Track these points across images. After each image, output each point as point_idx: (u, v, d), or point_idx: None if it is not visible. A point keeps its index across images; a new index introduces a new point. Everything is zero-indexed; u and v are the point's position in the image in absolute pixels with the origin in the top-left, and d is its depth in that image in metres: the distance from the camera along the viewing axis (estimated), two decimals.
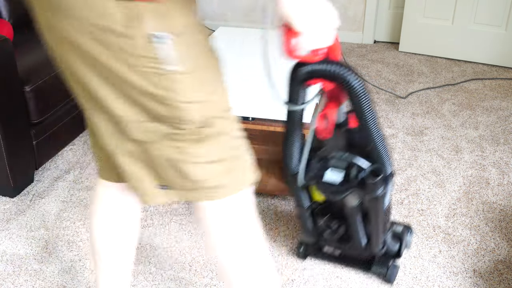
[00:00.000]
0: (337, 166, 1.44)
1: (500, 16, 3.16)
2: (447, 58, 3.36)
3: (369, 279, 1.67)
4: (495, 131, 2.52)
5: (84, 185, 2.15)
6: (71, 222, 1.93)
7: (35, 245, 1.83)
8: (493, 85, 3.00)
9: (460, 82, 3.03)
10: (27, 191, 2.11)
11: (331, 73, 1.20)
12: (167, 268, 1.71)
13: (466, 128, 2.55)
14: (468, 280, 1.67)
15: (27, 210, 2.00)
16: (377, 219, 1.46)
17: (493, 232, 1.87)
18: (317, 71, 1.21)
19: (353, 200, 1.43)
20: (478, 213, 1.97)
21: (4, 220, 1.95)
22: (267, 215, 1.96)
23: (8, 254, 1.78)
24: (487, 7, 3.17)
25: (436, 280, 1.66)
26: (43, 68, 2.10)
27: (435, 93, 2.90)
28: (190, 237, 1.85)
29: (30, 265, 1.74)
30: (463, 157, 2.32)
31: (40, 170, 2.25)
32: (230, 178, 1.04)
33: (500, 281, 1.67)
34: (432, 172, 2.21)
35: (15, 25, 2.61)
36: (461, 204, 2.02)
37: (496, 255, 1.77)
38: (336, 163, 1.44)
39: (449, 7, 3.25)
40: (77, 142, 2.48)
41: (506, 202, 2.02)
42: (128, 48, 0.87)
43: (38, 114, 2.06)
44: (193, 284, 1.65)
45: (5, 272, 1.71)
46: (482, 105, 2.77)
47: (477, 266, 1.72)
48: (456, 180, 2.16)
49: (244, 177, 1.07)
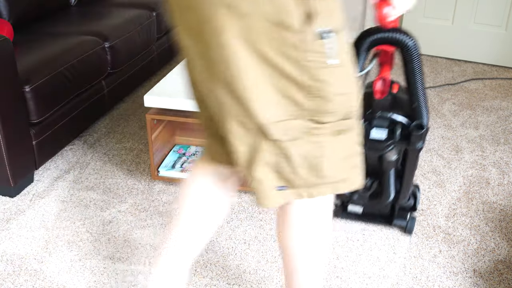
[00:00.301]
0: (381, 125, 1.64)
1: (500, 16, 3.16)
2: (447, 58, 3.36)
3: (368, 279, 1.67)
4: (495, 131, 2.52)
5: (84, 185, 2.15)
6: (71, 222, 1.93)
7: (35, 245, 1.83)
8: (493, 85, 3.00)
9: (460, 82, 3.03)
10: (27, 191, 2.11)
11: (397, 38, 1.48)
12: None
13: (466, 128, 2.54)
14: (468, 280, 1.67)
15: (27, 210, 2.00)
16: (412, 171, 1.70)
17: (493, 232, 1.87)
18: (386, 38, 1.49)
19: (392, 155, 1.65)
20: (478, 213, 1.97)
21: (4, 220, 1.95)
22: (267, 215, 1.96)
23: (8, 254, 1.78)
24: (487, 7, 3.17)
25: (436, 280, 1.66)
26: (43, 68, 2.10)
27: (435, 92, 2.90)
28: None
29: (30, 265, 1.74)
30: (463, 157, 2.32)
31: (40, 170, 2.25)
32: (351, 174, 1.08)
33: (500, 281, 1.67)
34: (432, 172, 2.21)
35: (15, 25, 2.61)
36: (461, 204, 2.02)
37: (496, 255, 1.77)
38: (379, 122, 1.64)
39: (449, 7, 3.25)
40: (77, 142, 2.48)
41: (506, 202, 2.02)
42: (297, 43, 0.91)
43: (38, 114, 2.06)
44: (193, 284, 1.65)
45: (5, 272, 1.71)
46: (482, 105, 2.77)
47: (477, 266, 1.72)
48: (456, 180, 2.16)
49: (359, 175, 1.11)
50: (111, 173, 2.23)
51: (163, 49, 3.19)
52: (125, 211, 1.99)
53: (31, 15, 2.71)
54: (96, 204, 2.03)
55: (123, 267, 1.72)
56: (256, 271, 1.70)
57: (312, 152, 1.01)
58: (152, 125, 2.03)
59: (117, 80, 2.66)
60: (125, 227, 1.90)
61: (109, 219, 1.94)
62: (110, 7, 2.99)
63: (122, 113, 2.75)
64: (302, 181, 1.04)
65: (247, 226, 1.90)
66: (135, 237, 1.85)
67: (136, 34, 2.77)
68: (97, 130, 2.58)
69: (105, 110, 2.59)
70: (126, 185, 2.14)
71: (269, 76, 0.94)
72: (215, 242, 1.82)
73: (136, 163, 2.30)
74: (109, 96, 2.60)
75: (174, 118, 1.97)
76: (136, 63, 2.85)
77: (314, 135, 1.00)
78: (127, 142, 2.47)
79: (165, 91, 2.00)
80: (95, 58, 2.41)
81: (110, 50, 2.54)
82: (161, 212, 1.98)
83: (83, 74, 2.32)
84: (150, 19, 2.94)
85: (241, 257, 1.76)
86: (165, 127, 2.17)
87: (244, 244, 1.81)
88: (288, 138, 0.99)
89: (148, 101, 1.98)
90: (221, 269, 1.70)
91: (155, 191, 2.11)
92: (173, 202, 2.04)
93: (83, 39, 2.42)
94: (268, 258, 1.75)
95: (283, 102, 0.96)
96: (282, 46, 0.91)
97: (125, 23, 2.73)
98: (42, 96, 2.05)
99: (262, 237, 1.85)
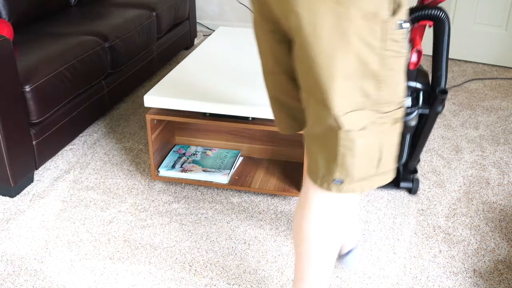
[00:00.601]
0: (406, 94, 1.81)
1: (500, 16, 3.16)
2: None
3: (368, 279, 1.67)
4: (495, 131, 2.52)
5: (84, 185, 2.15)
6: (71, 222, 1.93)
7: (35, 245, 1.83)
8: (493, 85, 3.00)
9: (460, 82, 3.03)
10: (27, 191, 2.11)
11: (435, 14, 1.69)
12: (167, 268, 1.71)
13: (466, 128, 2.54)
14: (468, 280, 1.67)
15: (27, 210, 2.00)
16: (428, 134, 1.90)
17: (493, 232, 1.87)
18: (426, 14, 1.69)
19: (413, 121, 1.85)
20: (478, 213, 1.97)
21: (4, 220, 1.95)
22: (267, 215, 1.96)
23: (8, 254, 1.78)
24: (487, 7, 3.16)
25: (436, 280, 1.66)
26: (43, 68, 2.10)
27: None
28: (190, 237, 1.85)
29: (30, 265, 1.74)
30: (463, 157, 2.32)
31: (40, 170, 2.25)
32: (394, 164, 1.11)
33: (500, 281, 1.67)
34: (432, 172, 2.21)
35: (15, 25, 2.61)
36: (461, 204, 2.02)
37: (496, 255, 1.77)
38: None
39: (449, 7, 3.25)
40: (77, 142, 2.48)
41: (506, 202, 2.02)
42: (381, 32, 0.95)
43: (38, 114, 2.06)
44: (193, 284, 1.65)
45: (5, 272, 1.71)
46: (482, 105, 2.77)
47: (477, 266, 1.72)
48: (456, 180, 2.16)
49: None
50: (111, 173, 2.23)
51: (163, 49, 3.19)
52: (125, 211, 1.99)
53: (31, 15, 2.71)
54: (96, 204, 2.03)
55: (123, 267, 1.72)
56: (256, 271, 1.70)
57: (376, 142, 1.04)
58: (152, 125, 2.03)
59: (117, 80, 2.66)
60: (125, 227, 1.90)
61: (109, 219, 1.94)
62: (110, 7, 2.99)
63: (122, 113, 2.75)
64: (361, 174, 1.06)
65: (247, 226, 1.90)
66: (135, 237, 1.85)
67: (136, 34, 2.77)
68: (97, 130, 2.58)
69: (105, 110, 2.59)
70: (126, 185, 2.14)
71: (348, 66, 0.97)
72: (215, 242, 1.82)
73: (136, 163, 2.30)
74: (109, 96, 2.60)
75: (174, 118, 1.97)
76: (136, 63, 2.85)
77: (379, 124, 1.02)
78: (127, 142, 2.47)
79: (165, 91, 2.00)
80: (95, 58, 2.41)
81: (110, 50, 2.54)
82: (161, 212, 1.98)
83: (83, 74, 2.32)
84: (150, 19, 2.94)
85: (241, 257, 1.76)
86: (165, 127, 2.17)
87: (244, 244, 1.81)
88: (357, 128, 1.01)
89: (148, 101, 1.98)
90: (221, 269, 1.70)
91: (155, 191, 2.11)
92: (173, 202, 2.04)
93: (83, 39, 2.42)
94: (268, 258, 1.75)
95: (354, 92, 0.99)
96: (368, 35, 0.95)
97: (125, 23, 2.73)
98: (42, 96, 2.06)
99: (262, 237, 1.84)
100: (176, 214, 1.97)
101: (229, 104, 1.89)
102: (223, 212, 1.98)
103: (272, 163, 2.16)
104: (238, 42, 2.53)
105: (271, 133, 2.15)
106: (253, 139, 2.19)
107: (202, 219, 1.94)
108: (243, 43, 2.50)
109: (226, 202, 2.04)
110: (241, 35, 2.63)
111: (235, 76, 2.11)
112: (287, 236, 1.85)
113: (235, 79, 2.09)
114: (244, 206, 2.01)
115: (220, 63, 2.26)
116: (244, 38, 2.58)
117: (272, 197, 2.06)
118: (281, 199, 2.05)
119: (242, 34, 2.64)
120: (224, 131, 2.22)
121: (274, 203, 2.03)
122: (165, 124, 2.16)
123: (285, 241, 1.83)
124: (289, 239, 1.83)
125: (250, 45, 2.47)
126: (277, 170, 2.11)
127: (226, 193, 2.09)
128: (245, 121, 1.91)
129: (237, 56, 2.33)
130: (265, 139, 2.17)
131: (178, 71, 2.19)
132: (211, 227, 1.90)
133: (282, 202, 2.03)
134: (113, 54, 2.56)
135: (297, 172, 2.10)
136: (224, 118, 1.96)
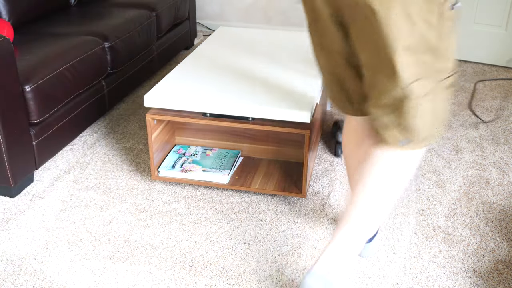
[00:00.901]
0: None
1: (500, 16, 3.16)
2: None
3: (368, 279, 1.67)
4: (495, 131, 2.52)
5: (84, 185, 2.15)
6: (71, 222, 1.93)
7: (35, 245, 1.83)
8: (493, 85, 3.00)
9: (460, 82, 3.03)
10: (27, 191, 2.11)
11: None
12: (167, 268, 1.71)
13: (466, 128, 2.55)
14: (468, 280, 1.67)
15: (27, 210, 2.00)
16: None
17: (493, 232, 1.87)
18: None
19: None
20: (478, 213, 1.97)
21: (4, 220, 1.95)
22: (267, 214, 1.96)
23: (8, 254, 1.78)
24: (487, 7, 3.17)
25: (436, 280, 1.66)
26: (43, 68, 2.10)
27: None
28: (190, 237, 1.85)
29: (30, 265, 1.74)
30: (463, 157, 2.32)
31: (40, 170, 2.25)
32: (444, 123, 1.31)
33: (500, 281, 1.67)
34: (432, 172, 2.21)
35: (15, 25, 2.61)
36: (461, 204, 2.02)
37: (496, 255, 1.77)
38: None
39: None
40: (77, 142, 2.48)
41: (506, 202, 2.02)
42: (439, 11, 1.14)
43: (38, 114, 2.06)
44: (193, 284, 1.65)
45: (5, 272, 1.71)
46: (482, 105, 2.77)
47: (477, 266, 1.72)
48: (456, 180, 2.16)
49: None
50: (111, 173, 2.23)
51: (163, 49, 3.19)
52: (125, 211, 1.99)
53: (31, 15, 2.71)
54: (96, 204, 2.03)
55: (123, 267, 1.72)
56: (256, 271, 1.70)
57: (436, 105, 1.22)
58: (152, 125, 2.03)
59: (117, 80, 2.66)
60: (125, 227, 1.90)
61: (109, 219, 1.94)
62: (110, 7, 2.99)
63: (122, 113, 2.75)
64: (426, 133, 1.25)
65: (247, 226, 1.90)
66: (135, 237, 1.85)
67: (136, 34, 2.77)
68: (97, 130, 2.58)
69: (105, 110, 2.59)
70: (126, 185, 2.14)
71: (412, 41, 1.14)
72: (215, 242, 1.82)
73: (136, 163, 2.30)
74: (109, 96, 2.60)
75: (174, 118, 1.97)
76: (136, 63, 2.85)
77: (437, 89, 1.20)
78: (127, 142, 2.47)
79: (165, 91, 2.00)
80: (95, 58, 2.41)
81: (110, 50, 2.54)
82: (161, 212, 1.98)
83: (83, 74, 2.32)
84: (150, 19, 2.94)
85: (241, 257, 1.76)
86: (165, 127, 2.17)
87: (244, 244, 1.81)
88: (421, 95, 1.19)
89: (148, 101, 1.98)
90: (221, 269, 1.70)
91: (155, 191, 2.11)
92: (173, 202, 2.04)
93: (83, 39, 2.42)
94: (268, 258, 1.75)
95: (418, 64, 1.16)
96: (427, 14, 1.13)
97: (125, 23, 2.73)
98: (42, 96, 2.06)
99: (262, 237, 1.85)
100: (176, 214, 1.97)
101: (229, 104, 1.89)
102: (223, 212, 1.98)
103: (272, 163, 2.17)
104: (238, 42, 2.53)
105: (271, 133, 2.15)
106: (253, 139, 2.19)
107: (202, 219, 1.94)
108: (243, 43, 2.50)
109: (226, 202, 2.04)
110: (241, 35, 2.63)
111: (235, 76, 2.12)
112: (287, 236, 1.85)
113: (235, 79, 2.09)
114: (244, 206, 2.01)
115: (220, 63, 2.26)
116: (244, 38, 2.58)
117: (272, 197, 2.06)
118: (281, 199, 2.05)
119: (242, 34, 2.64)
120: (224, 131, 2.22)
121: (274, 203, 2.03)
122: (165, 124, 2.16)
123: (285, 241, 1.83)
124: (289, 239, 1.83)
125: (250, 45, 2.47)
126: (277, 170, 2.11)
127: (226, 193, 2.09)
128: (245, 121, 1.92)
129: (237, 56, 2.33)
130: (265, 139, 2.17)
131: (178, 71, 2.19)
132: (211, 227, 1.90)
133: (282, 202, 2.03)
134: (113, 54, 2.56)
135: (297, 172, 2.10)
136: (224, 118, 1.96)
